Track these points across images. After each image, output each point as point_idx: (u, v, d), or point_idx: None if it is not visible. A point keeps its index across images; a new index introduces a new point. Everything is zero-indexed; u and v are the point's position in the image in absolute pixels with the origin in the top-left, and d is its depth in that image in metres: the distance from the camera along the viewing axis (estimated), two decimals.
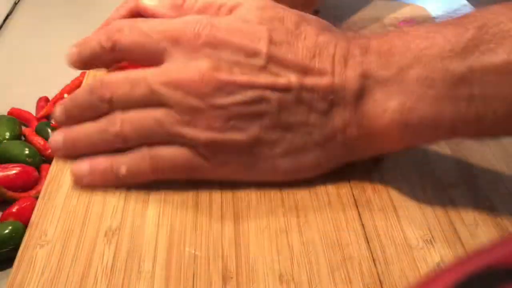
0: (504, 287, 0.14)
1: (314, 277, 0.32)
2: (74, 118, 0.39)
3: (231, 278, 0.32)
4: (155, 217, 0.36)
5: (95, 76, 0.51)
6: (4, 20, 0.73)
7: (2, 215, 0.42)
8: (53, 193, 0.38)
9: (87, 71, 0.53)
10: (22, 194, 0.44)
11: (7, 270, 0.39)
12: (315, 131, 0.35)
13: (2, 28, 0.71)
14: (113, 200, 0.38)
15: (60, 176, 0.40)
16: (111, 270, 0.33)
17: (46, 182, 0.39)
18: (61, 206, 0.37)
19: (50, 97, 0.58)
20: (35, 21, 0.74)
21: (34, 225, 0.36)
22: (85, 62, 0.41)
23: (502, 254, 0.15)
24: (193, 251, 0.34)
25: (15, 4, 0.77)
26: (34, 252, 0.34)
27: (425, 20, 0.61)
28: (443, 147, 0.42)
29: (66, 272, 0.33)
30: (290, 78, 0.34)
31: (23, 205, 0.42)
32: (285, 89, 0.34)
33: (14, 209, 0.42)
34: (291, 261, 0.33)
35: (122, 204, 0.37)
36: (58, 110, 0.40)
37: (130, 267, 0.33)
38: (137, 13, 0.43)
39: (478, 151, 0.41)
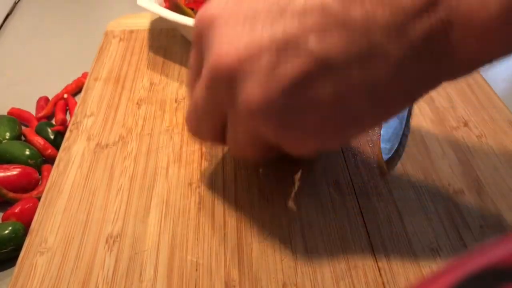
0: (504, 287, 0.14)
1: (318, 286, 0.32)
2: None
3: (234, 287, 0.32)
4: (157, 224, 0.36)
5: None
6: (4, 20, 0.73)
7: (3, 215, 0.42)
8: (53, 199, 0.38)
9: (89, 71, 0.53)
10: (24, 195, 0.44)
11: (7, 270, 0.39)
12: (385, 53, 0.26)
13: (2, 28, 0.71)
14: (114, 206, 0.37)
15: (60, 182, 0.39)
16: (112, 278, 0.32)
17: (46, 187, 0.39)
18: (62, 212, 0.37)
19: (50, 97, 0.57)
20: (35, 21, 0.74)
21: (34, 231, 0.36)
22: None
23: (502, 254, 0.15)
24: (195, 259, 0.33)
25: (15, 4, 0.77)
26: (34, 260, 0.34)
27: None
28: (448, 153, 0.41)
29: (66, 280, 0.32)
30: None
31: (25, 206, 0.42)
32: None
33: (17, 209, 0.42)
34: (294, 270, 0.33)
35: (124, 210, 0.37)
36: None
37: (131, 275, 0.32)
38: None
39: (484, 157, 0.41)
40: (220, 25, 0.28)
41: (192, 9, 0.52)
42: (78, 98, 0.50)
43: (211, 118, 0.32)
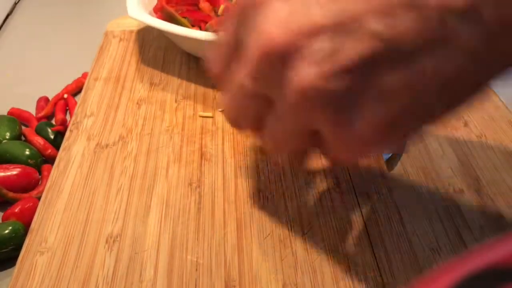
0: (504, 287, 0.14)
1: (318, 285, 0.32)
2: None
3: (234, 286, 0.32)
4: (157, 224, 0.36)
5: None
6: (4, 20, 0.73)
7: (3, 215, 0.42)
8: (53, 199, 0.38)
9: (89, 71, 0.53)
10: (24, 195, 0.44)
11: (8, 270, 0.39)
12: (464, 37, 0.23)
13: (2, 28, 0.71)
14: (114, 206, 0.37)
15: (60, 181, 0.39)
16: (112, 278, 0.32)
17: (46, 187, 0.39)
18: (62, 212, 0.37)
19: (50, 97, 0.57)
20: (35, 21, 0.74)
21: (34, 231, 0.36)
22: None
23: (502, 254, 0.15)
24: (195, 259, 0.33)
25: (15, 4, 0.77)
26: (34, 260, 0.34)
27: None
28: (448, 153, 0.41)
29: (66, 280, 0.32)
30: None
31: (25, 206, 0.42)
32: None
33: (17, 209, 0.42)
34: (294, 269, 0.33)
35: (124, 210, 0.37)
36: None
37: (131, 276, 0.32)
38: None
39: (484, 157, 0.41)
40: (270, 1, 0.26)
41: (185, 18, 0.51)
42: (78, 98, 0.50)
43: (255, 103, 0.28)
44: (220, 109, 0.46)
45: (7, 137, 0.50)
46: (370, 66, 0.24)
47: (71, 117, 0.49)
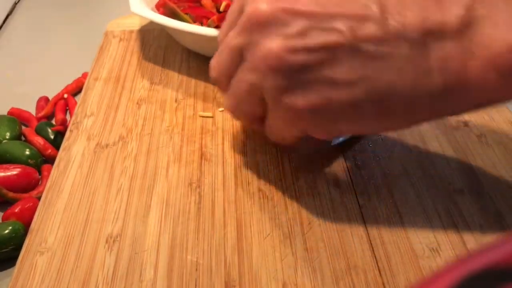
0: (504, 287, 0.14)
1: (318, 285, 0.32)
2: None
3: (234, 286, 0.32)
4: (157, 224, 0.36)
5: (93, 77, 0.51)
6: (4, 20, 0.73)
7: (3, 215, 0.42)
8: (53, 199, 0.38)
9: (89, 71, 0.53)
10: (24, 195, 0.44)
11: (8, 270, 0.39)
12: (405, 66, 0.28)
13: (2, 28, 0.71)
14: (114, 206, 0.37)
15: (60, 181, 0.39)
16: (112, 278, 0.32)
17: (46, 187, 0.39)
18: (62, 212, 0.37)
19: (50, 97, 0.58)
20: (35, 21, 0.74)
21: (34, 231, 0.36)
22: None
23: (502, 254, 0.15)
24: (195, 259, 0.33)
25: (15, 4, 0.77)
26: (34, 260, 0.34)
27: None
28: (448, 153, 0.41)
29: (66, 280, 0.32)
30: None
31: (25, 206, 0.42)
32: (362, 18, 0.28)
33: (17, 209, 0.42)
34: (294, 269, 0.33)
35: (124, 210, 0.37)
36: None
37: (131, 276, 0.32)
38: None
39: (483, 156, 0.41)
40: None
41: (187, 14, 0.51)
42: (78, 98, 0.50)
43: (231, 57, 0.33)
44: (220, 109, 0.47)
45: (7, 137, 0.50)
46: (327, 54, 0.29)
47: (71, 117, 0.49)
